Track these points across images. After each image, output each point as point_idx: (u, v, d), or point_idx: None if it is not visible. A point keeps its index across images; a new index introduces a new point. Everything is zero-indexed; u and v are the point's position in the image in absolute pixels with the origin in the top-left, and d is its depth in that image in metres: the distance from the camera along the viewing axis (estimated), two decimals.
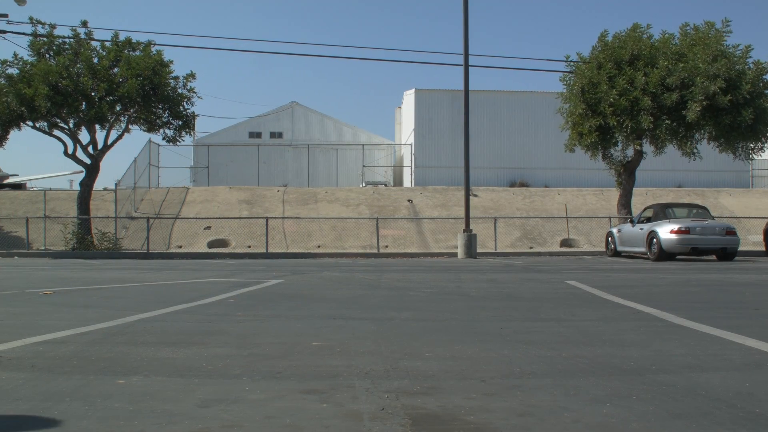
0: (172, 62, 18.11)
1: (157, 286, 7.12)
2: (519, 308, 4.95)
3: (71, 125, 18.35)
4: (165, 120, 18.79)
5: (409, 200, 24.49)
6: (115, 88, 17.12)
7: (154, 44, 18.25)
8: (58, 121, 18.04)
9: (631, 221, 16.12)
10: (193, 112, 19.41)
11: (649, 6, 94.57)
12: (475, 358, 2.81)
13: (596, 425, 1.80)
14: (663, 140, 16.89)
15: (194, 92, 18.93)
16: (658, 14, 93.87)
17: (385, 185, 28.84)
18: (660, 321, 4.08)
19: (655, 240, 13.84)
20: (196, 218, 21.57)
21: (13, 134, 20.33)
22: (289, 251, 19.10)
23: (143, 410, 1.95)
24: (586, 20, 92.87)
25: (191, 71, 20.50)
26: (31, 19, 17.55)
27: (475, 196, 24.02)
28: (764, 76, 16.22)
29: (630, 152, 17.90)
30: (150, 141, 26.33)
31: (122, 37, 18.03)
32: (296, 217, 21.69)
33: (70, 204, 21.54)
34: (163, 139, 19.39)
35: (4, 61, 17.41)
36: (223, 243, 20.62)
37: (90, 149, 18.86)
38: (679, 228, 13.55)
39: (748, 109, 15.54)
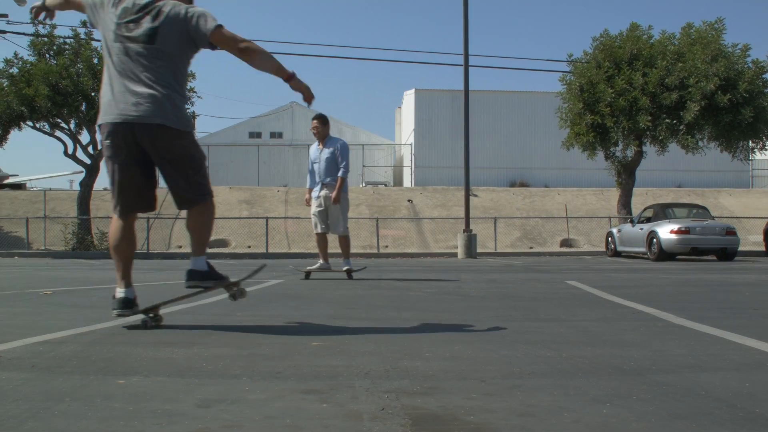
0: None
1: (157, 286, 7.12)
2: (519, 308, 4.94)
3: (72, 125, 18.35)
4: None
5: (409, 200, 24.50)
6: None
7: None
8: (59, 121, 18.04)
9: (631, 221, 16.12)
10: (193, 112, 19.43)
11: (649, 6, 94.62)
12: (475, 358, 2.81)
13: (596, 425, 1.80)
14: (663, 140, 16.92)
15: (194, 92, 18.96)
16: (658, 14, 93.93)
17: (385, 185, 28.85)
18: (660, 321, 4.08)
19: (655, 240, 13.84)
20: None
21: (13, 134, 20.34)
22: (289, 251, 19.10)
23: (143, 410, 1.95)
24: (586, 20, 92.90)
25: (191, 71, 20.52)
26: (32, 20, 17.58)
27: (475, 196, 24.02)
28: (763, 75, 16.26)
29: (630, 152, 17.91)
30: None
31: None
32: (296, 217, 21.68)
33: (70, 204, 21.53)
34: None
35: (8, 60, 17.43)
36: (223, 243, 20.62)
37: (90, 149, 18.87)
38: (679, 228, 13.55)
39: (747, 108, 15.56)
